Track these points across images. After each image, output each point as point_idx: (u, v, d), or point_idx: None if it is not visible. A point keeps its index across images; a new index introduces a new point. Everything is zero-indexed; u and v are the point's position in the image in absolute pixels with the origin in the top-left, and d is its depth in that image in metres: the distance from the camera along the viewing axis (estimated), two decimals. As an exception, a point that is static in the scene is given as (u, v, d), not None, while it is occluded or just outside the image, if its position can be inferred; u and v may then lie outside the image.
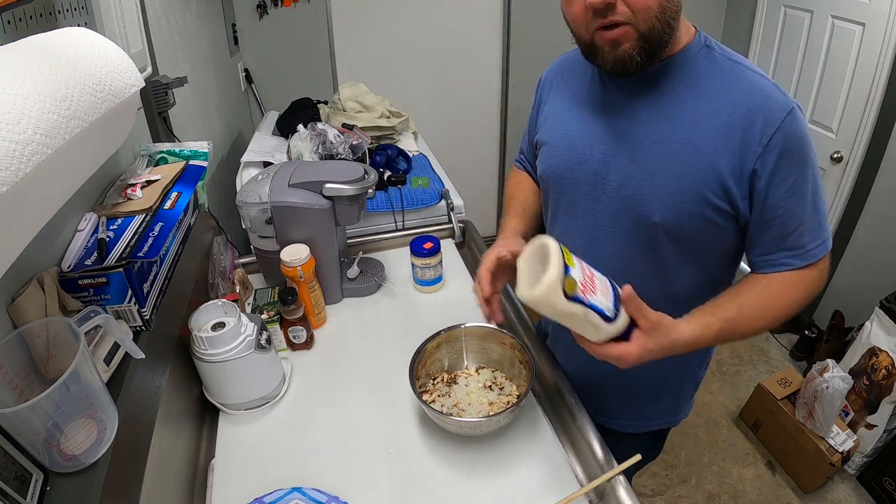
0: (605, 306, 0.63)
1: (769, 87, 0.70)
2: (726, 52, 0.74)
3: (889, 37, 1.89)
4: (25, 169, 0.44)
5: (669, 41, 0.70)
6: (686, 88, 0.73)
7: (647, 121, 0.75)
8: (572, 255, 0.63)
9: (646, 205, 0.76)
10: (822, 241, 0.74)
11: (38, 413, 0.54)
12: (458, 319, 0.97)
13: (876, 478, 1.78)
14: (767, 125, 0.68)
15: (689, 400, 1.02)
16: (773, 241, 0.74)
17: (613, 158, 0.78)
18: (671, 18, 0.68)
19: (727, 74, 0.72)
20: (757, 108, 0.68)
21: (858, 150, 2.09)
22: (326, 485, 0.77)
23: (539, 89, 0.96)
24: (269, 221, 1.08)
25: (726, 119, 0.70)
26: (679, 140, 0.72)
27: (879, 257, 2.09)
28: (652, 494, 1.85)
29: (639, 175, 0.75)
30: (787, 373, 2.01)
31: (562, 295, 0.58)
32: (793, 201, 0.71)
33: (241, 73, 2.34)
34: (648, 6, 0.65)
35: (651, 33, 0.67)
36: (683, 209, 0.73)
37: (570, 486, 0.78)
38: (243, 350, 0.85)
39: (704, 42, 0.75)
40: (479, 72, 2.73)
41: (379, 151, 1.66)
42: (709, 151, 0.71)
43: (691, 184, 0.72)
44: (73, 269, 0.73)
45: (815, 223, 0.73)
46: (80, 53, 0.60)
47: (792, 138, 0.68)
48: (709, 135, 0.71)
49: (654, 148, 0.74)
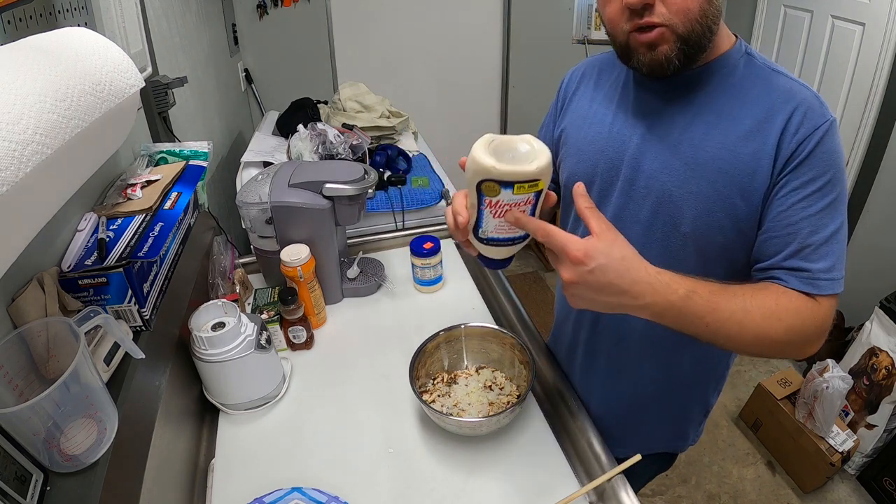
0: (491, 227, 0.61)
1: (809, 96, 0.67)
2: (767, 62, 0.71)
3: (889, 37, 1.89)
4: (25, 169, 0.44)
5: (709, 45, 0.67)
6: (723, 94, 0.70)
7: (683, 125, 0.72)
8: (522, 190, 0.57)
9: (677, 212, 0.72)
10: (830, 277, 0.66)
11: (38, 413, 0.54)
12: (458, 319, 0.97)
13: (876, 478, 1.78)
14: (802, 129, 0.65)
15: (697, 428, 0.97)
16: (774, 255, 0.68)
17: (645, 163, 0.74)
18: (712, 23, 0.65)
19: (766, 82, 0.69)
20: (793, 114, 0.65)
21: (858, 150, 2.09)
22: (326, 485, 0.77)
23: (560, 94, 0.91)
24: (269, 221, 1.08)
25: (763, 125, 0.67)
26: (714, 146, 0.69)
27: (879, 257, 2.09)
28: (652, 494, 1.85)
29: (671, 181, 0.72)
30: (787, 373, 2.01)
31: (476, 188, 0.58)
32: (805, 213, 0.65)
33: (241, 73, 2.34)
34: (689, 8, 0.63)
35: (690, 35, 0.64)
36: (714, 218, 0.70)
37: (570, 486, 0.78)
38: (243, 350, 0.85)
39: (745, 50, 0.72)
40: (479, 72, 2.74)
41: (379, 151, 1.66)
42: (744, 158, 0.67)
43: (725, 191, 0.69)
44: (73, 269, 0.73)
45: (827, 251, 0.66)
46: (80, 53, 0.60)
47: (822, 149, 0.64)
48: (744, 141, 0.68)
49: (689, 153, 0.71)
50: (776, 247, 0.67)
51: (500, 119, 2.87)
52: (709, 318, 0.61)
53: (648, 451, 0.90)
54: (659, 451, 0.97)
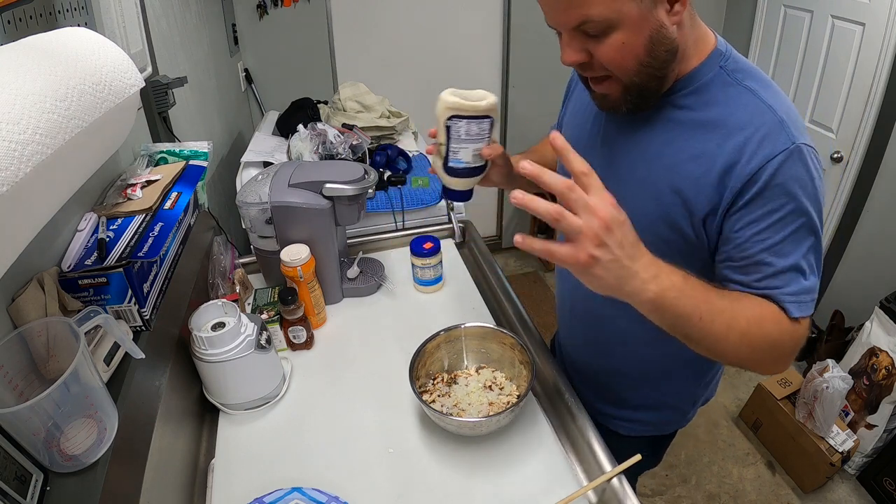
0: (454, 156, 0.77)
1: (771, 121, 0.62)
2: (742, 77, 0.67)
3: (889, 37, 1.89)
4: (25, 169, 0.44)
5: (662, 88, 0.67)
6: (677, 125, 0.69)
7: (632, 160, 0.73)
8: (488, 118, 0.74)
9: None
10: (797, 301, 0.65)
11: (38, 413, 0.55)
12: (458, 319, 0.97)
13: (876, 478, 1.78)
14: (752, 162, 0.62)
15: (687, 416, 1.00)
16: (743, 280, 0.67)
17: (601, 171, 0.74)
18: (658, 70, 0.63)
19: (732, 102, 0.65)
20: (747, 144, 0.63)
21: (858, 150, 2.09)
22: (326, 485, 0.77)
23: (568, 84, 0.94)
24: (269, 221, 1.08)
25: (715, 150, 0.65)
26: (663, 166, 0.70)
27: (879, 257, 2.09)
28: (652, 494, 1.85)
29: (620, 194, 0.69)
30: (787, 373, 2.01)
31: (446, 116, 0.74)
32: (765, 244, 0.63)
33: (241, 73, 2.34)
34: (624, 66, 0.62)
35: (632, 86, 0.64)
36: (658, 233, 0.70)
37: (570, 486, 0.78)
38: (243, 350, 0.85)
39: (720, 64, 0.67)
40: (479, 72, 2.73)
41: (379, 151, 1.66)
42: (688, 179, 0.67)
43: (668, 209, 0.69)
44: (73, 269, 0.73)
45: (791, 278, 0.64)
46: (80, 53, 0.60)
47: (779, 180, 0.61)
48: (692, 162, 0.67)
49: (641, 170, 0.72)
50: (742, 274, 0.67)
51: (501, 119, 2.87)
52: (704, 308, 0.60)
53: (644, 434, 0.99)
54: (652, 433, 1.00)
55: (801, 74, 2.30)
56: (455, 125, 0.74)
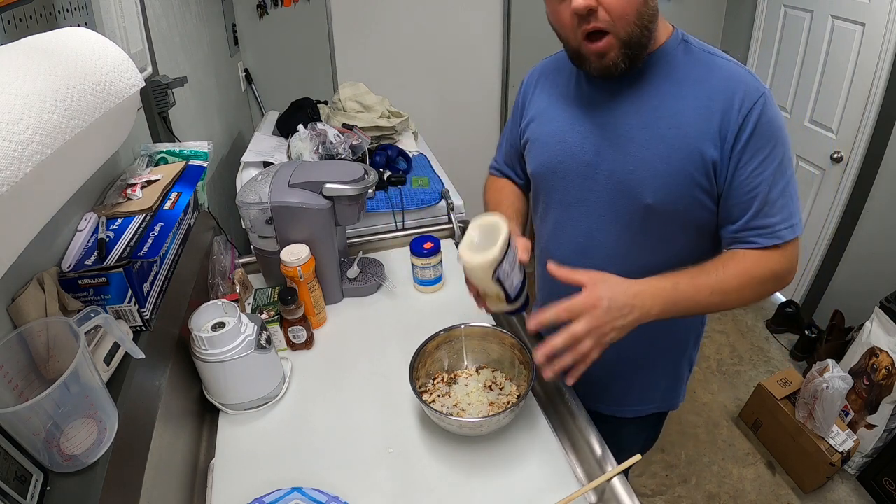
0: (513, 290, 0.77)
1: (744, 74, 0.76)
2: (703, 46, 0.80)
3: (889, 37, 1.89)
4: (25, 169, 0.44)
5: (649, 43, 0.76)
6: (665, 80, 0.79)
7: (632, 113, 0.80)
8: (510, 242, 0.75)
9: (639, 189, 0.80)
10: (790, 225, 0.77)
11: (38, 413, 0.54)
12: (458, 319, 0.97)
13: (876, 478, 1.78)
14: (743, 106, 0.73)
15: (685, 384, 1.06)
16: (740, 218, 0.78)
17: (604, 149, 0.82)
18: (649, 22, 0.73)
19: (704, 64, 0.78)
20: (734, 92, 0.74)
21: (858, 150, 2.09)
22: (326, 485, 0.77)
23: (521, 94, 1.00)
24: (269, 221, 1.08)
25: (706, 103, 0.75)
26: (664, 126, 0.77)
27: (879, 257, 2.09)
28: (652, 494, 1.85)
29: (629, 162, 0.80)
30: (787, 373, 2.01)
31: (491, 273, 0.72)
32: (761, 178, 0.75)
33: (241, 73, 2.34)
34: (626, 13, 0.71)
35: (630, 38, 0.73)
36: (674, 190, 0.78)
37: (570, 486, 0.78)
38: (243, 350, 0.85)
39: (682, 38, 0.80)
40: (479, 72, 2.73)
41: (379, 151, 1.66)
42: (692, 133, 0.76)
43: (679, 165, 0.77)
44: (73, 269, 0.73)
45: (783, 204, 0.76)
46: (80, 53, 0.60)
47: (763, 120, 0.73)
48: (691, 118, 0.76)
49: (641, 135, 0.79)
50: (741, 210, 0.77)
51: (500, 119, 2.87)
52: (699, 297, 0.74)
53: (646, 413, 1.04)
54: (654, 410, 1.05)
55: (801, 74, 2.30)
56: (501, 272, 0.73)
